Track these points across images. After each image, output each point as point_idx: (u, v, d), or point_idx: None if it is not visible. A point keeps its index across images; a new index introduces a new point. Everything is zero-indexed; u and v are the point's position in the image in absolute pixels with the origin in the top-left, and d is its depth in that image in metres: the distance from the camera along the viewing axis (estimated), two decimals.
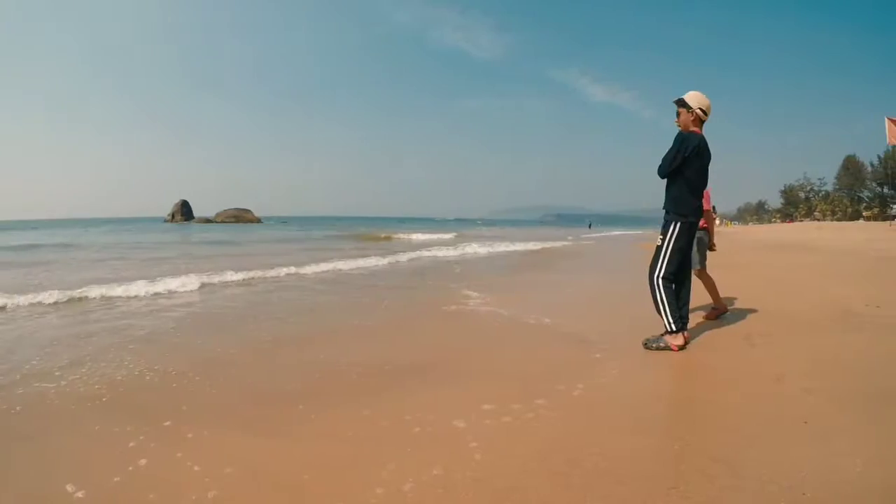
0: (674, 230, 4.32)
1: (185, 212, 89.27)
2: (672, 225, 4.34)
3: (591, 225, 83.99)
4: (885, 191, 69.14)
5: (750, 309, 5.93)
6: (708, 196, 5.10)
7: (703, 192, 4.50)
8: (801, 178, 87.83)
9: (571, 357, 4.23)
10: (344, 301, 7.72)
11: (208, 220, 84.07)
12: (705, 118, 4.42)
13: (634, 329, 4.84)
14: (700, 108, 4.36)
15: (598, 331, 5.06)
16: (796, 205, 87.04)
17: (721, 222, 59.54)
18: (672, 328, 4.26)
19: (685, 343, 4.31)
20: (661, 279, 4.31)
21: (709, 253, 5.67)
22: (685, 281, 4.56)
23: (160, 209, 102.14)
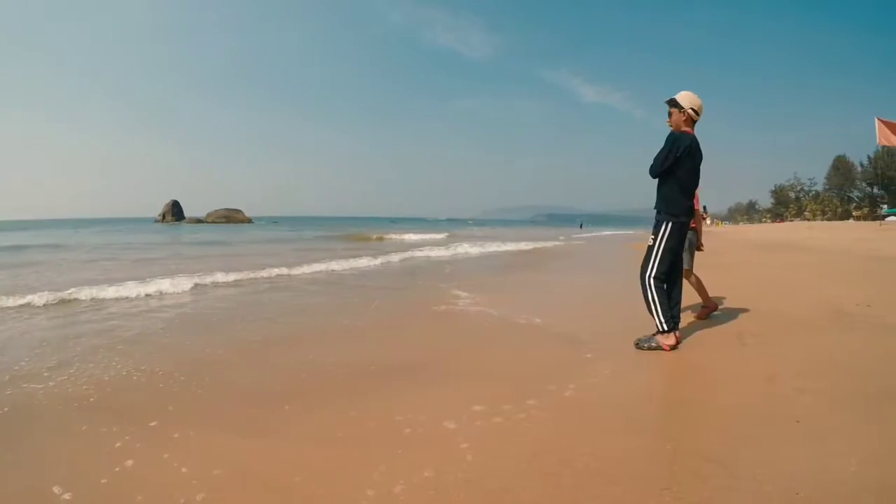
0: (665, 230, 4.32)
1: (175, 212, 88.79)
2: (663, 225, 4.33)
3: (583, 225, 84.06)
4: (875, 191, 69.65)
5: (741, 308, 5.94)
6: (697, 196, 5.10)
7: (694, 190, 4.50)
8: (791, 178, 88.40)
9: (562, 357, 4.21)
10: (334, 301, 7.69)
11: (199, 221, 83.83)
12: (697, 118, 4.41)
13: (626, 329, 4.84)
14: (692, 108, 4.35)
15: (590, 331, 5.05)
16: (787, 205, 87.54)
17: (712, 222, 59.79)
18: (664, 328, 4.26)
19: (677, 343, 4.31)
20: (653, 279, 4.31)
21: (697, 253, 5.68)
22: (677, 281, 4.56)
23: (151, 209, 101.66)
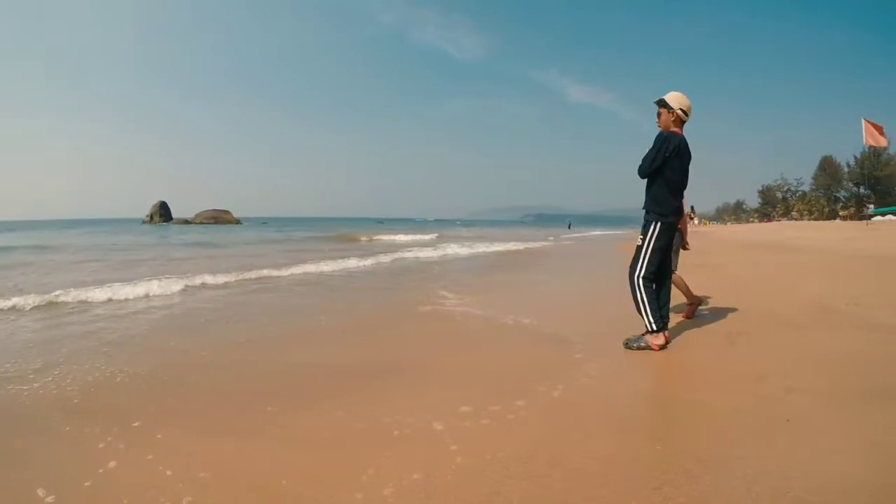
0: (654, 230, 4.33)
1: (163, 213, 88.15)
2: (652, 225, 4.34)
3: (571, 225, 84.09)
4: (862, 191, 70.30)
5: (729, 308, 5.96)
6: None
7: (683, 191, 4.52)
8: (778, 178, 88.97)
9: (551, 357, 4.21)
10: (321, 302, 7.66)
11: (187, 222, 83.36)
12: (686, 119, 4.43)
13: (615, 329, 4.85)
14: (681, 109, 4.37)
15: (579, 331, 5.05)
16: (774, 205, 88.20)
17: (699, 222, 60.11)
18: (653, 328, 4.27)
19: (666, 343, 4.32)
20: (642, 279, 4.32)
21: (683, 252, 5.69)
22: (665, 281, 4.57)
23: (138, 210, 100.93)
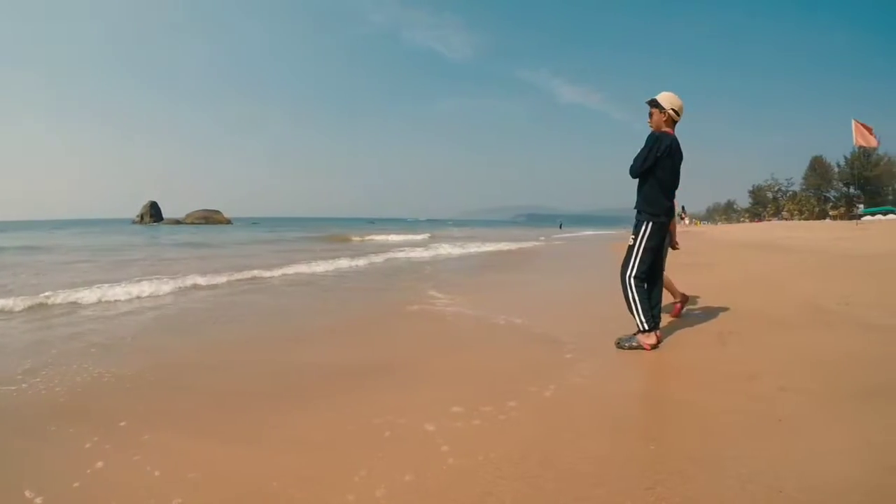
0: (645, 230, 4.35)
1: (154, 213, 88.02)
2: (644, 225, 4.37)
3: (562, 225, 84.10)
4: (852, 191, 70.79)
5: (721, 307, 5.97)
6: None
7: (674, 191, 4.54)
8: (769, 178, 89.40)
9: (543, 357, 4.21)
10: (312, 303, 7.67)
11: (178, 222, 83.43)
12: (678, 119, 4.45)
13: (606, 329, 4.85)
14: (672, 109, 4.39)
15: (570, 331, 5.05)
16: (764, 204, 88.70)
17: (690, 222, 60.35)
18: (644, 327, 4.28)
19: (658, 342, 4.33)
20: (633, 279, 4.33)
21: (672, 252, 5.69)
22: (657, 280, 4.60)
23: (128, 210, 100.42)
